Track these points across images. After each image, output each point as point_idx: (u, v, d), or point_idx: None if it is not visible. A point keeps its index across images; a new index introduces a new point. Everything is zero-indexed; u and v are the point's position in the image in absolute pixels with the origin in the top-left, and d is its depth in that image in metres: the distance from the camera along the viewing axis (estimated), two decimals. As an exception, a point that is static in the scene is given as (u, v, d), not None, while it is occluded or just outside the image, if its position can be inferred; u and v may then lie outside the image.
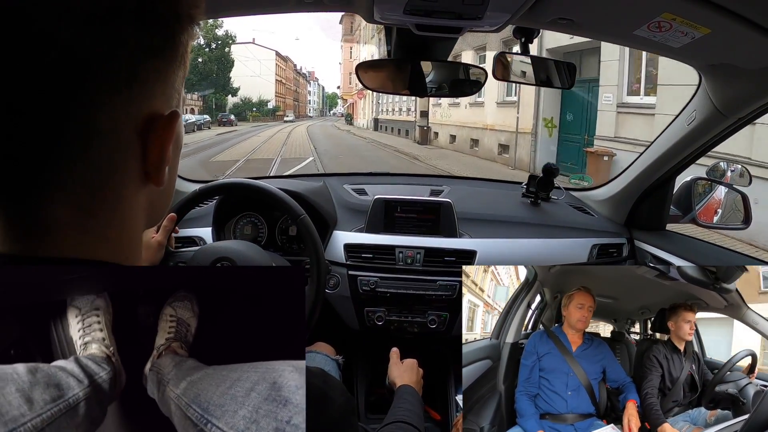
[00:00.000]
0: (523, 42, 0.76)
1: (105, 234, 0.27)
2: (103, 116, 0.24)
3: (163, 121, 0.27)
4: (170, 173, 0.30)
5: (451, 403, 1.02)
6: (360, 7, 0.66)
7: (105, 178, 0.26)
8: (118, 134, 0.25)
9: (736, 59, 0.68)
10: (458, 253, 0.99)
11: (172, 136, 0.27)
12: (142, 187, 0.28)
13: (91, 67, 0.23)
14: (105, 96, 0.24)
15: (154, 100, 0.26)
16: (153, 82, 0.26)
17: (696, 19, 0.56)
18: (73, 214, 0.25)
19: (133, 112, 0.25)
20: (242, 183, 0.84)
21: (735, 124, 0.82)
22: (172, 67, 0.27)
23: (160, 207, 0.32)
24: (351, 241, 1.01)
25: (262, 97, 38.36)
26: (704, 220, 1.03)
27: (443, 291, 0.97)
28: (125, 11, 0.24)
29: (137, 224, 0.29)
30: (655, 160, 0.99)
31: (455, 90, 0.87)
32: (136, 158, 0.27)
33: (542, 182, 1.14)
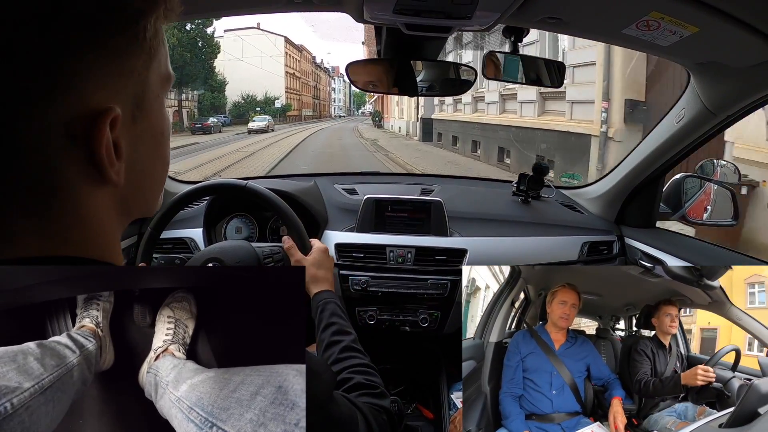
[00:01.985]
0: (512, 41, 0.76)
1: (69, 237, 0.26)
2: (25, 127, 0.23)
3: (96, 120, 0.25)
4: (142, 165, 0.28)
5: (444, 402, 1.02)
6: (350, 6, 0.66)
7: (49, 185, 0.25)
8: (47, 142, 0.24)
9: (725, 57, 0.68)
10: (449, 252, 0.99)
11: (104, 135, 0.25)
12: (99, 188, 0.26)
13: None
14: (21, 107, 0.23)
15: (88, 98, 0.24)
16: (82, 80, 0.24)
17: (684, 18, 0.57)
18: (30, 220, 0.25)
19: (60, 117, 0.24)
20: (191, 190, 0.77)
21: (724, 121, 0.83)
22: (113, 58, 0.25)
23: (137, 203, 0.30)
24: (342, 240, 1.01)
25: (269, 93, 29.94)
26: (694, 217, 1.04)
27: (434, 290, 0.97)
28: (19, 16, 0.22)
29: (105, 224, 0.28)
30: (644, 158, 1.00)
31: (446, 89, 0.87)
32: (79, 160, 0.25)
33: (533, 180, 1.14)
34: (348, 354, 0.53)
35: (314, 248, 0.70)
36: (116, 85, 0.26)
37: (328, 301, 0.61)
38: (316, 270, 0.66)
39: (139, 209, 0.31)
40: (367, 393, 0.47)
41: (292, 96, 33.71)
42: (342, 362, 0.51)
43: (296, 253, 0.70)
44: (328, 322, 0.57)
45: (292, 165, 8.82)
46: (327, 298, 0.62)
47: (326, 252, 0.70)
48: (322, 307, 0.60)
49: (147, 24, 0.26)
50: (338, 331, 0.56)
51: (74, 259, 0.26)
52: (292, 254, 0.70)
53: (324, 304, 0.61)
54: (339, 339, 0.55)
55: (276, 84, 30.61)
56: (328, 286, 0.65)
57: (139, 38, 0.26)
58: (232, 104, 27.14)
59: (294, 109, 33.82)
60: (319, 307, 0.61)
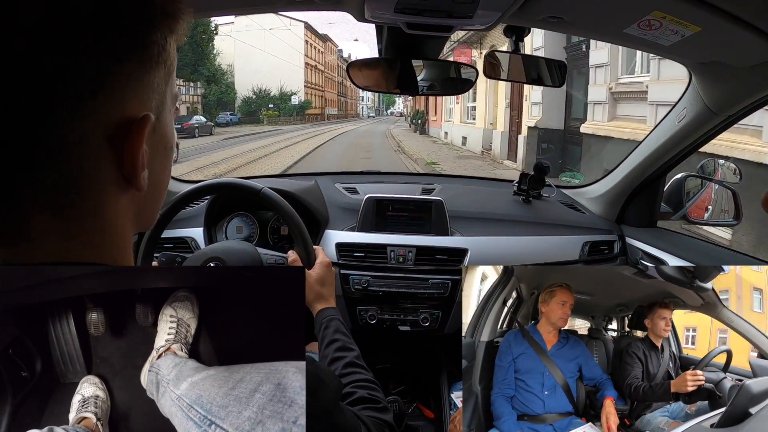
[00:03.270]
0: (513, 40, 0.75)
1: (89, 240, 0.27)
2: (68, 126, 0.24)
3: (134, 126, 0.26)
4: (156, 176, 0.29)
5: (445, 402, 1.03)
6: (351, 5, 0.66)
7: (80, 185, 0.25)
8: (86, 142, 0.25)
9: (726, 57, 0.68)
10: (450, 252, 0.99)
11: (143, 140, 0.26)
12: (123, 193, 0.27)
13: (49, 78, 0.23)
14: (68, 106, 0.24)
15: (125, 104, 0.26)
16: (122, 86, 0.25)
17: (686, 18, 0.56)
18: (54, 220, 0.25)
19: (102, 120, 0.25)
20: (200, 186, 0.78)
21: (725, 121, 0.82)
22: (146, 69, 0.26)
23: (149, 211, 0.31)
24: (343, 240, 1.01)
25: (284, 87, 25.36)
26: (695, 217, 1.04)
27: (435, 289, 0.97)
28: (81, 18, 0.23)
29: (123, 229, 0.29)
30: (645, 157, 0.99)
31: (446, 88, 0.87)
32: (111, 164, 0.26)
33: (534, 180, 1.14)
34: (351, 369, 0.54)
35: (317, 262, 0.70)
36: (146, 95, 0.27)
37: (331, 318, 0.63)
38: (320, 288, 0.67)
39: (146, 219, 0.32)
40: (370, 407, 0.47)
41: (312, 92, 28.81)
42: (345, 377, 0.52)
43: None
44: (331, 338, 0.59)
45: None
46: (330, 315, 0.63)
47: (329, 266, 0.71)
48: (326, 324, 0.62)
49: (171, 41, 0.28)
50: (341, 348, 0.57)
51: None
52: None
53: (327, 321, 0.62)
54: (342, 355, 0.56)
55: (294, 78, 25.91)
56: (331, 303, 0.67)
57: (164, 54, 0.27)
58: (241, 100, 24.04)
59: (315, 107, 28.95)
60: (322, 324, 0.62)
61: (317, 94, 29.70)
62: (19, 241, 0.25)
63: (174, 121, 0.32)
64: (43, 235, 0.25)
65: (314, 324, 0.64)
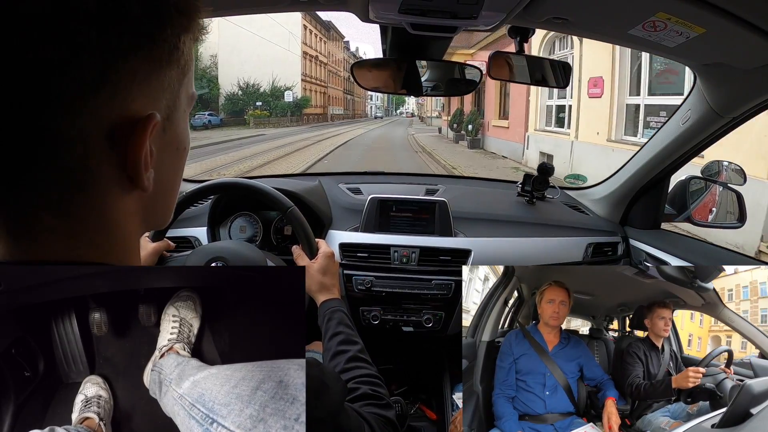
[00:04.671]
0: (518, 41, 0.75)
1: (93, 238, 0.26)
2: (68, 121, 0.24)
3: (137, 124, 0.25)
4: (164, 177, 0.29)
5: (447, 403, 1.03)
6: (355, 6, 0.66)
7: (82, 184, 0.25)
8: (87, 139, 0.24)
9: (731, 59, 0.68)
10: (453, 253, 0.99)
11: (146, 140, 0.26)
12: (128, 193, 0.27)
13: (49, 71, 0.23)
14: (68, 101, 0.23)
15: (130, 102, 0.25)
16: (128, 84, 0.25)
17: (691, 19, 0.56)
18: (57, 218, 0.25)
19: (104, 117, 0.24)
20: (232, 182, 0.83)
21: (729, 123, 0.82)
22: (155, 67, 0.26)
23: (157, 212, 0.31)
24: (346, 240, 1.01)
25: (277, 81, 20.94)
26: (699, 219, 1.03)
27: (438, 290, 0.97)
28: (85, 12, 0.23)
29: (129, 229, 0.28)
30: (650, 159, 0.99)
31: (451, 89, 0.87)
32: (113, 163, 0.26)
33: (538, 181, 1.14)
34: (355, 364, 0.53)
35: (320, 253, 0.70)
36: (154, 95, 0.26)
37: (335, 310, 0.61)
38: (322, 277, 0.66)
39: (156, 219, 0.31)
40: (373, 404, 0.47)
41: (312, 87, 23.73)
42: (348, 372, 0.52)
43: (303, 260, 0.71)
44: (335, 331, 0.58)
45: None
46: (334, 307, 0.62)
47: (332, 257, 0.70)
48: (329, 316, 0.61)
49: (186, 40, 0.27)
50: (345, 341, 0.56)
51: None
52: (299, 263, 0.71)
53: (331, 312, 0.61)
54: (346, 348, 0.55)
55: (289, 70, 21.24)
56: (334, 294, 0.65)
57: (176, 53, 0.27)
58: (224, 97, 20.11)
59: (315, 105, 24.28)
60: (326, 316, 0.61)
61: (318, 90, 25.15)
62: (22, 239, 0.25)
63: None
64: (46, 233, 0.25)
65: (318, 315, 0.63)
